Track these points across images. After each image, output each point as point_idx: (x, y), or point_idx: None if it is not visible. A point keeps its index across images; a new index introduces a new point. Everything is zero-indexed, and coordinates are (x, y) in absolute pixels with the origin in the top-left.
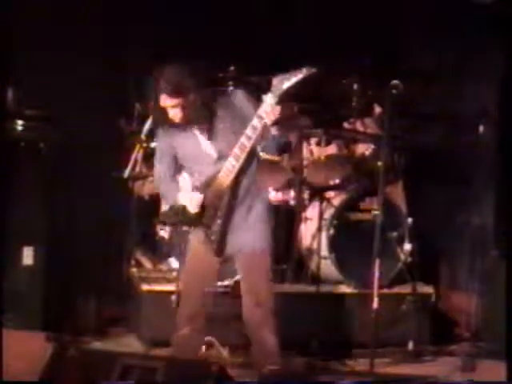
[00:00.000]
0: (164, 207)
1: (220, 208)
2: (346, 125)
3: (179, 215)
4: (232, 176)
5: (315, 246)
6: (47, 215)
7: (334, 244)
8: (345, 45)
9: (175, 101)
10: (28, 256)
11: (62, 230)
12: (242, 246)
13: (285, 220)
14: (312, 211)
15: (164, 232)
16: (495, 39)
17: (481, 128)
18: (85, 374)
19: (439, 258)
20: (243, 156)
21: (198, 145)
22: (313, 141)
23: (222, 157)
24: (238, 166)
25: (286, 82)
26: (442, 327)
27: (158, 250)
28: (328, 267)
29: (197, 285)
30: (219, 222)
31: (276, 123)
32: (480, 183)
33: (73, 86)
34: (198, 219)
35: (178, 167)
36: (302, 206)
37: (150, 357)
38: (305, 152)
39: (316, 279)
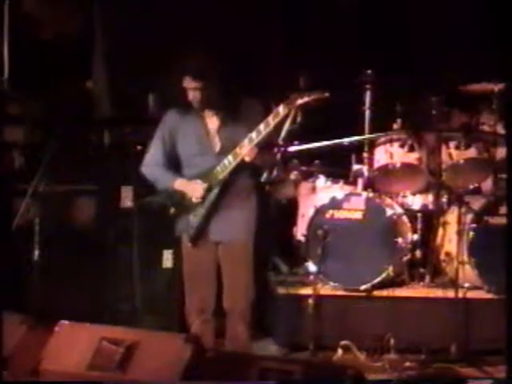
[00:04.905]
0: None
1: (206, 200)
2: (486, 128)
3: (175, 200)
4: (227, 172)
5: (454, 250)
6: None
7: (473, 249)
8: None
9: (197, 84)
10: (168, 259)
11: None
12: (222, 237)
13: (423, 224)
14: (451, 215)
15: (301, 236)
16: None
17: None
18: (223, 376)
19: None
20: (242, 156)
21: (204, 134)
22: (452, 144)
23: (223, 152)
24: (234, 164)
25: (299, 99)
26: None
27: (294, 254)
28: (467, 272)
29: (200, 275)
30: (202, 213)
31: None
32: None
33: None
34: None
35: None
36: (440, 211)
37: (288, 360)
38: (444, 155)
39: (455, 284)
